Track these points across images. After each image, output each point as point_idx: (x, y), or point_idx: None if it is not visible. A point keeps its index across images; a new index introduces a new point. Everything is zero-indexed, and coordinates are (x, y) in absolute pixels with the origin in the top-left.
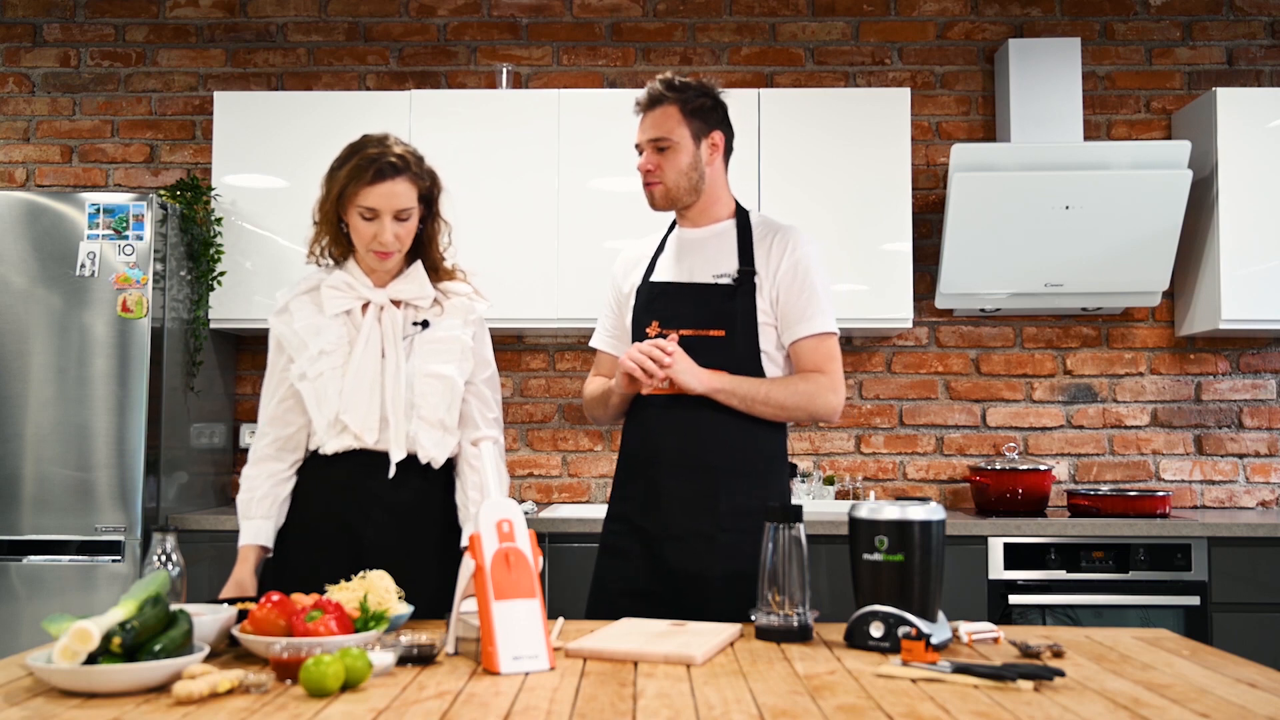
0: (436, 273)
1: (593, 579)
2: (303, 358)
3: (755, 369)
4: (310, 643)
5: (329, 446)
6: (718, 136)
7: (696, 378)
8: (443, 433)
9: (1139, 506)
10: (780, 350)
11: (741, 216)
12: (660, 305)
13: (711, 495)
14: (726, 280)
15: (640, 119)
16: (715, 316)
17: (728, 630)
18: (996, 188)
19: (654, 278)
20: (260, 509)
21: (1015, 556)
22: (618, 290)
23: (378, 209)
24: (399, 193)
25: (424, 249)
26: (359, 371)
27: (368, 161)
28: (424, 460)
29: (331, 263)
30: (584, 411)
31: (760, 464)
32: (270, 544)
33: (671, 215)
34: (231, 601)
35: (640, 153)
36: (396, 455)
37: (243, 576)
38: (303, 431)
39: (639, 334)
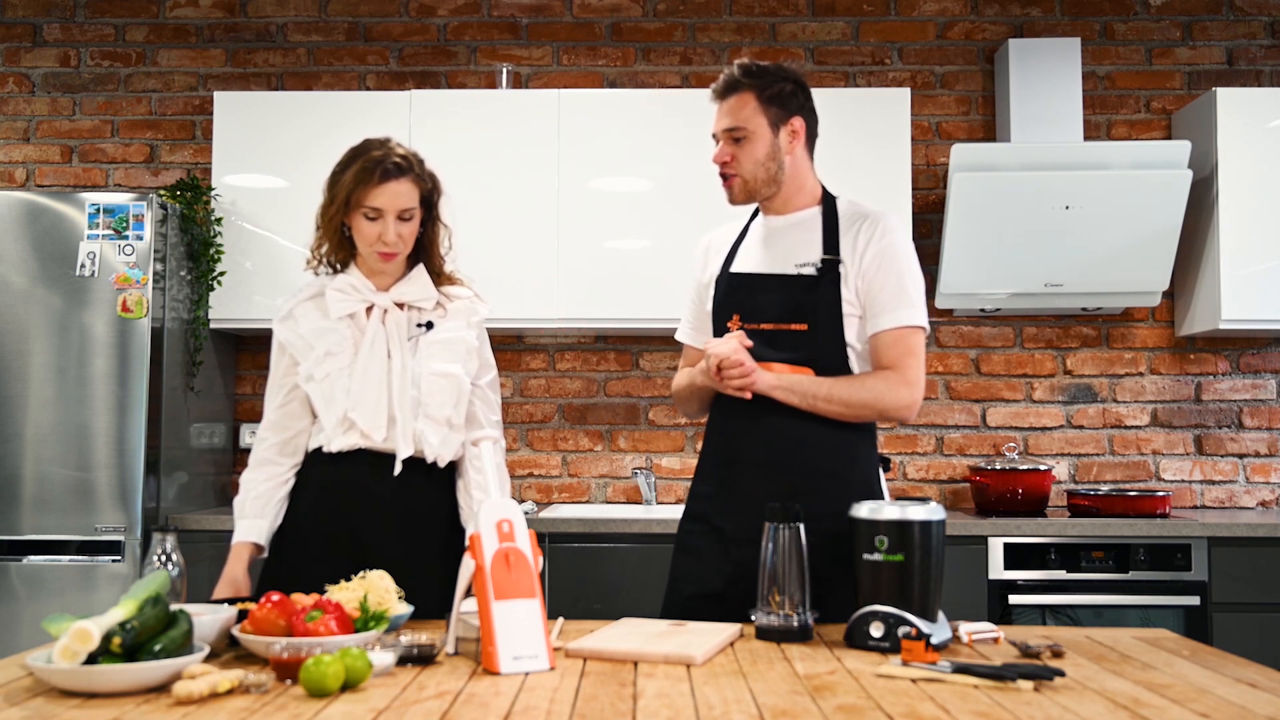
0: (438, 277)
1: (668, 579)
2: (309, 359)
3: (839, 363)
4: (310, 643)
5: (335, 444)
6: (797, 123)
7: (760, 378)
8: (449, 430)
9: (1139, 506)
10: (864, 341)
11: (828, 203)
12: (741, 296)
13: (791, 498)
14: (810, 270)
15: (716, 108)
16: (798, 309)
17: (728, 630)
18: (996, 188)
19: (735, 268)
20: (254, 508)
21: (1015, 556)
22: (697, 280)
23: (382, 209)
24: (403, 193)
25: (425, 253)
26: (366, 371)
27: (374, 163)
28: (430, 459)
29: (331, 271)
30: (675, 405)
31: (844, 467)
32: (264, 541)
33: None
34: (230, 601)
35: (716, 143)
36: (403, 452)
37: (236, 573)
38: (303, 435)
39: (720, 326)
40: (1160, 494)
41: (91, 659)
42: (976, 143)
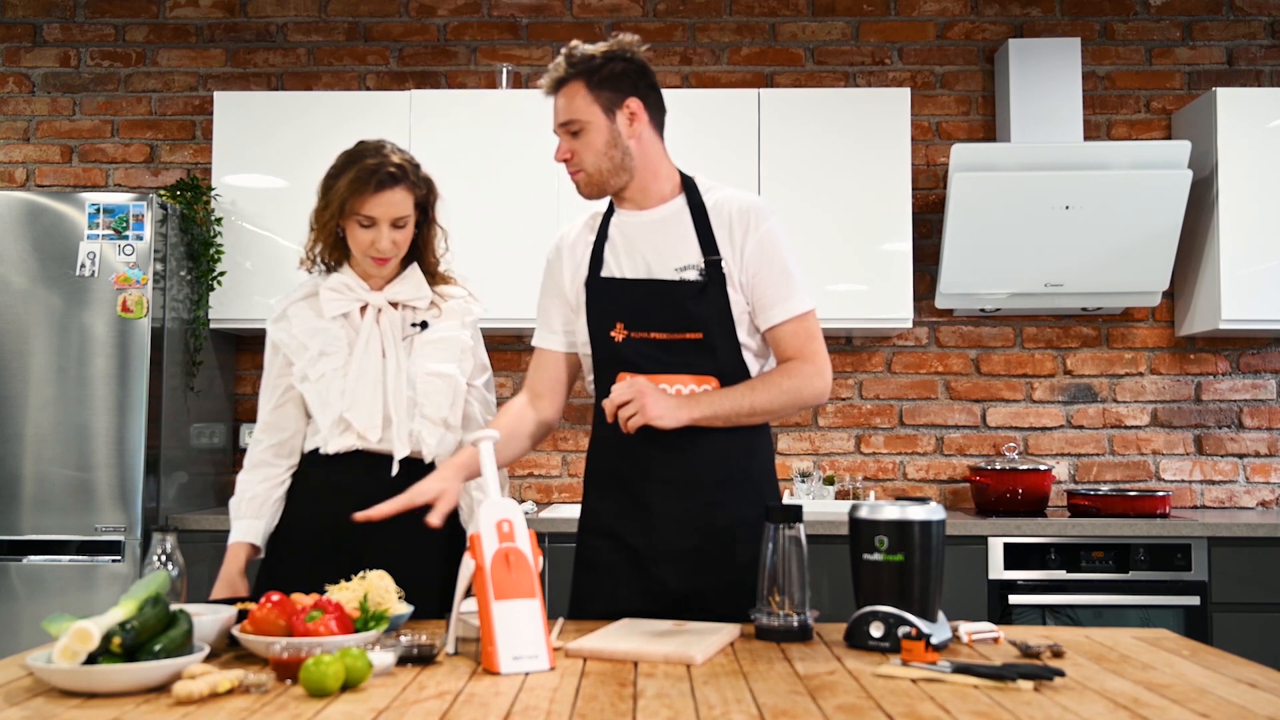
0: (433, 277)
1: (571, 596)
2: (303, 359)
3: (738, 367)
4: (310, 643)
5: (331, 446)
6: (634, 104)
7: (673, 414)
8: (445, 431)
9: (1139, 506)
10: (755, 336)
11: (690, 192)
12: (622, 305)
13: (707, 511)
14: (693, 275)
15: (551, 104)
16: (688, 318)
17: (728, 630)
18: (996, 188)
19: (605, 272)
20: (250, 509)
21: (1015, 556)
22: (557, 282)
23: (376, 218)
24: (397, 201)
25: (420, 254)
26: (360, 371)
27: (368, 173)
28: (428, 459)
29: (325, 270)
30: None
31: (755, 470)
32: (260, 542)
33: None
34: (229, 602)
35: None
36: (400, 453)
37: (232, 574)
38: (298, 436)
39: (602, 336)
40: (1160, 494)
41: (91, 659)
42: (976, 143)
